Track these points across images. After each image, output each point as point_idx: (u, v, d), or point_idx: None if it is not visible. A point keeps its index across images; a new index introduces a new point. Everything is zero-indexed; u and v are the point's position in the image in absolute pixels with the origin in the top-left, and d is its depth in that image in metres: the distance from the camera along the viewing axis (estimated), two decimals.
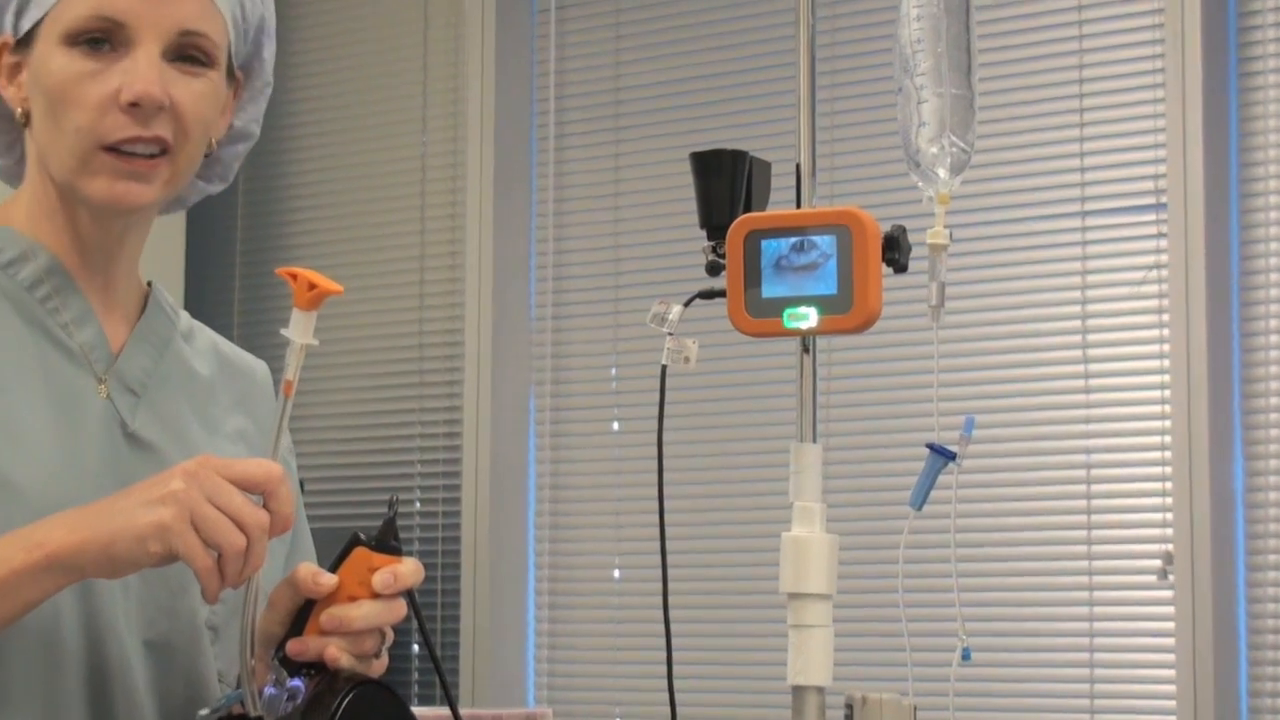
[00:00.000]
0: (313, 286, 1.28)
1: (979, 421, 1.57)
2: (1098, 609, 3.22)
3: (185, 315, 1.58)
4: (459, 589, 3.77)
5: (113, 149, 1.41)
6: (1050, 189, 3.33)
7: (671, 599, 1.54)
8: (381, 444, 3.95)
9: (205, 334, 1.59)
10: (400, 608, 1.35)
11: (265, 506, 1.27)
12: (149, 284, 1.55)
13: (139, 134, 1.40)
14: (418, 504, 3.88)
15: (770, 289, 1.41)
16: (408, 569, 1.35)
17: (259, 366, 1.63)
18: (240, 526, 1.25)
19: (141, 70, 1.40)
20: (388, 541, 1.34)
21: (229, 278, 4.17)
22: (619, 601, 3.70)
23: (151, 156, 1.41)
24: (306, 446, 3.87)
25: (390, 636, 1.39)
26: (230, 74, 1.50)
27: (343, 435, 3.97)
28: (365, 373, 3.97)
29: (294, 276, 1.29)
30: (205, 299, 4.13)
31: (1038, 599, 3.26)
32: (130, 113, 1.40)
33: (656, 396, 1.53)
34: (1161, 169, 3.22)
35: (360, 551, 1.34)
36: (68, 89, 1.40)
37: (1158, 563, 3.17)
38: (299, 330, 1.30)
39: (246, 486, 1.27)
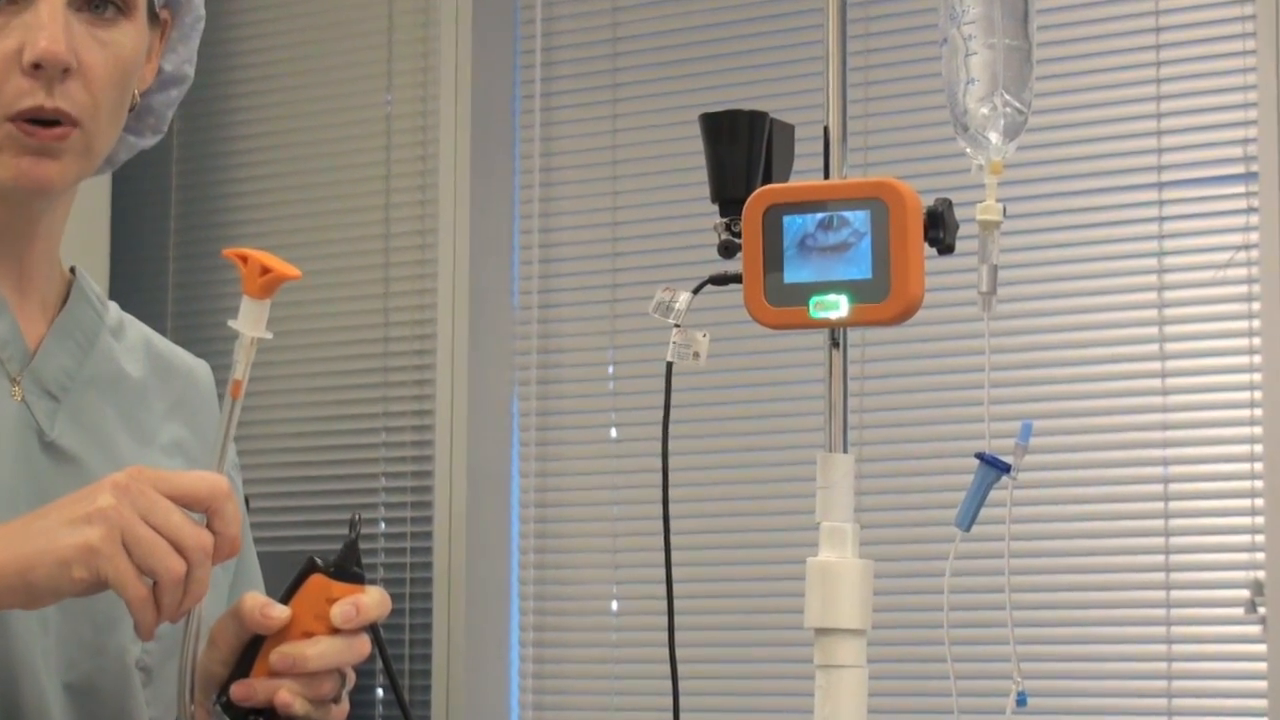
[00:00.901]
0: (266, 270, 1.29)
1: (1037, 428, 1.57)
2: (1176, 647, 3.23)
3: (114, 307, 1.58)
4: (431, 623, 3.77)
5: (16, 120, 1.41)
6: (1122, 156, 3.34)
7: (679, 635, 1.54)
8: (340, 454, 3.95)
9: (137, 329, 1.59)
10: (363, 645, 1.36)
11: (208, 527, 1.27)
12: (71, 270, 1.56)
13: (42, 104, 1.40)
14: (382, 524, 3.89)
15: (793, 273, 1.41)
16: (372, 600, 1.35)
17: (199, 367, 1.63)
18: (179, 550, 1.25)
19: (44, 24, 1.40)
20: (349, 568, 1.35)
21: (161, 260, 4.18)
22: (617, 638, 3.71)
23: (59, 124, 1.42)
24: (252, 458, 3.88)
25: (351, 678, 1.39)
26: (153, 14, 1.50)
27: (294, 444, 3.97)
28: (320, 371, 3.97)
29: (244, 259, 1.29)
30: (133, 286, 4.14)
31: (1106, 635, 3.27)
32: (34, 75, 1.40)
33: (661, 399, 1.54)
34: (1252, 132, 3.22)
35: (317, 579, 1.34)
36: None
37: (1245, 593, 3.17)
38: (249, 321, 1.30)
39: (187, 503, 1.27)
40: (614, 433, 3.75)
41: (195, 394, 1.60)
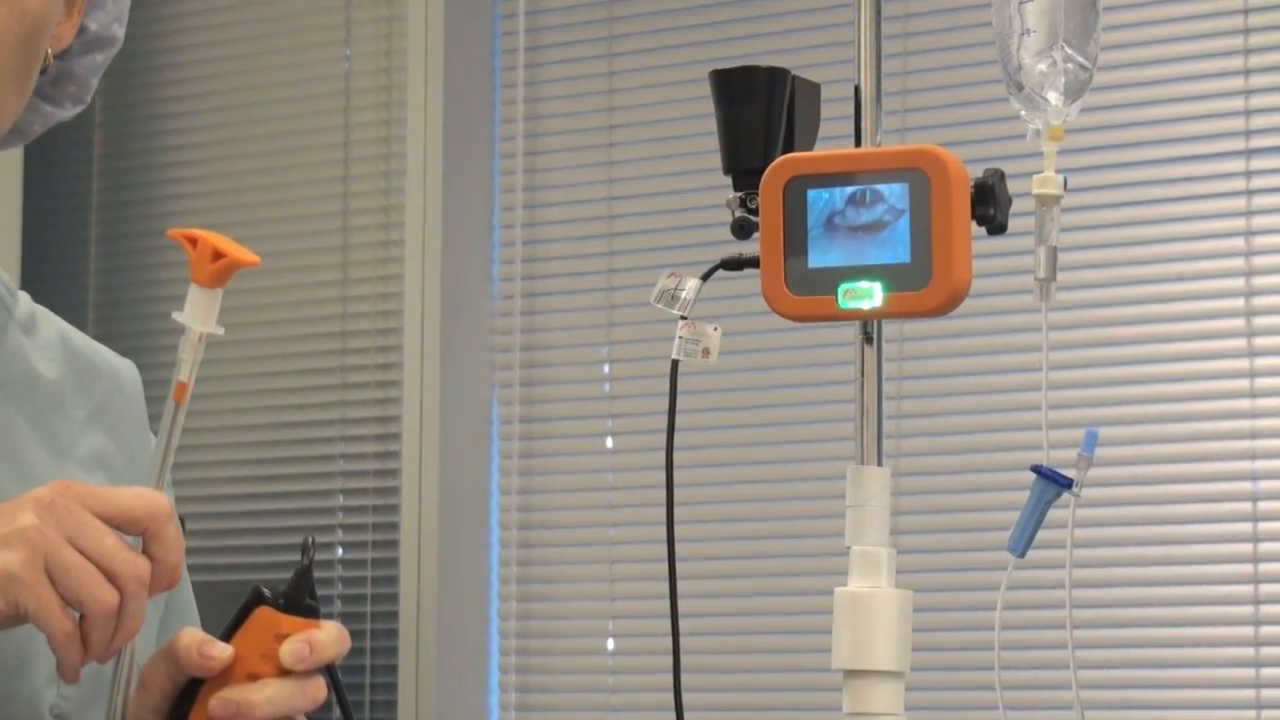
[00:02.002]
0: (219, 255, 1.29)
1: (1104, 437, 1.58)
2: (1265, 692, 3.23)
3: (24, 298, 1.58)
4: (396, 664, 3.77)
5: None
6: (1203, 119, 3.33)
7: (685, 680, 1.54)
8: (290, 468, 3.95)
9: (52, 324, 1.59)
10: (317, 689, 1.36)
11: (145, 552, 1.28)
12: None
13: None
14: (340, 549, 3.89)
15: (819, 256, 1.42)
16: (327, 636, 1.35)
17: (125, 368, 1.63)
18: (111, 578, 1.25)
19: None
20: (301, 599, 1.35)
21: (81, 243, 4.18)
22: (613, 683, 3.71)
23: None
24: (186, 473, 3.88)
25: None
26: None
27: (237, 457, 3.97)
28: (266, 372, 3.97)
29: (193, 242, 1.29)
30: (48, 274, 4.14)
31: (1184, 678, 3.27)
32: None
33: (664, 403, 1.54)
34: None
35: (263, 613, 1.34)
36: None
37: None
38: (198, 314, 1.30)
39: (121, 524, 1.27)
40: (610, 443, 3.75)
41: (120, 399, 1.60)
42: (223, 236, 1.30)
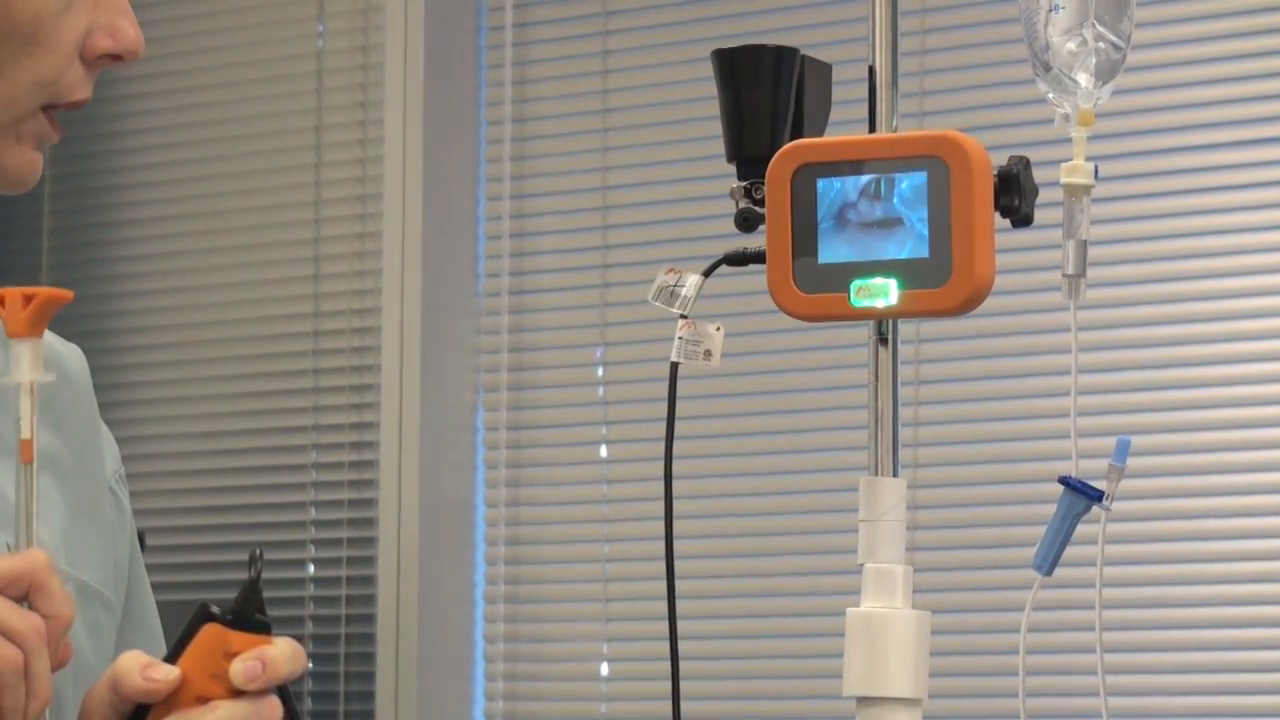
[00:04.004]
0: (29, 299, 1.32)
1: (1137, 446, 1.58)
2: None
3: None
4: (373, 691, 3.77)
5: (53, 109, 1.47)
6: (1246, 103, 3.33)
7: (685, 707, 1.54)
8: (257, 478, 3.94)
9: None
10: (272, 709, 1.35)
11: (33, 610, 1.28)
12: None
13: (89, 97, 1.48)
14: (311, 567, 3.88)
15: (830, 251, 1.42)
16: (281, 653, 1.35)
17: (70, 355, 1.63)
18: (8, 636, 1.25)
19: (122, 7, 1.47)
20: (250, 614, 1.34)
21: (33, 236, 4.17)
22: (607, 711, 3.71)
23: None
24: (146, 483, 3.87)
25: None
26: None
27: (200, 466, 3.97)
28: (232, 374, 3.96)
29: (0, 301, 1.32)
30: None
31: (1223, 706, 3.26)
32: (95, 65, 1.47)
33: (663, 408, 1.54)
34: None
35: (211, 630, 1.34)
36: (42, 25, 1.45)
37: None
38: (25, 365, 1.33)
39: (1, 587, 1.27)
40: (604, 451, 3.75)
41: (66, 390, 1.60)
42: (25, 288, 1.34)
